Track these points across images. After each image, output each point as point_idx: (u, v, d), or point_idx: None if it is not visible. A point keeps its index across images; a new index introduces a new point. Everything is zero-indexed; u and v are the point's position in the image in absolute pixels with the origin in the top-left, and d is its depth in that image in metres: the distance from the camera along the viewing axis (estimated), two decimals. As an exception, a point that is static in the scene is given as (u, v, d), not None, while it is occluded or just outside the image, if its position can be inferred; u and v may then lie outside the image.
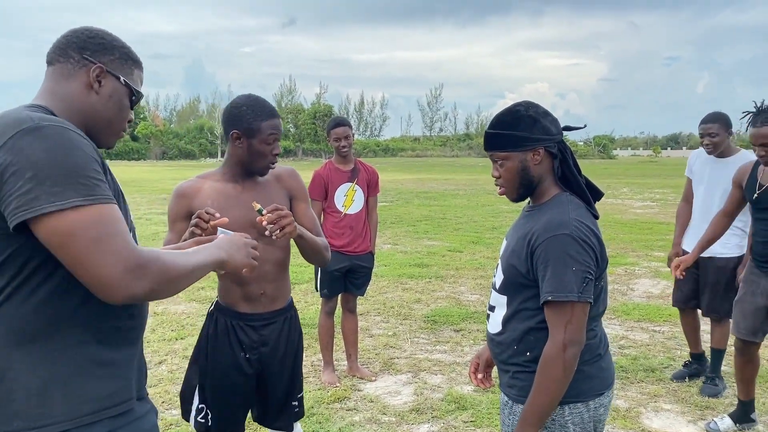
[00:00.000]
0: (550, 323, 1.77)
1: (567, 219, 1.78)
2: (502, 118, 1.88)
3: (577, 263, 1.73)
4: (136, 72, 1.52)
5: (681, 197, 4.50)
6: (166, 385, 4.21)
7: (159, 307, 5.97)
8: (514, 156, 1.84)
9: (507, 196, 1.92)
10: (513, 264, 1.85)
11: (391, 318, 5.82)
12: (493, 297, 1.97)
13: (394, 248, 9.65)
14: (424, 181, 24.76)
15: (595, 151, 62.10)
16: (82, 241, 1.15)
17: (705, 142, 4.00)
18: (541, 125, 1.84)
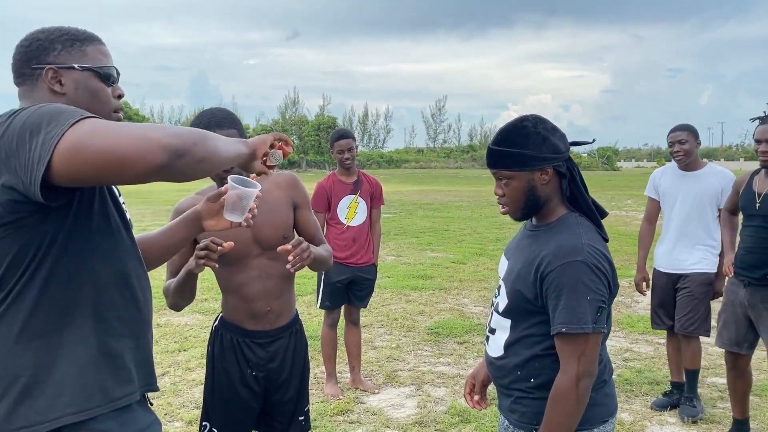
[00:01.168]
0: (562, 355, 1.68)
1: (580, 244, 1.69)
2: (508, 134, 1.76)
3: (591, 292, 1.65)
4: (90, 48, 1.43)
5: (643, 218, 4.36)
6: (169, 397, 4.20)
7: (162, 319, 5.97)
8: (521, 176, 1.73)
9: (510, 215, 1.82)
10: (519, 289, 1.74)
11: (394, 330, 5.80)
12: (495, 319, 1.87)
13: (398, 260, 9.64)
14: (428, 192, 24.77)
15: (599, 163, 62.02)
16: (92, 139, 1.12)
17: (675, 149, 3.94)
18: (551, 143, 1.73)
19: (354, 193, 4.34)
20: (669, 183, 4.09)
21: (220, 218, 1.74)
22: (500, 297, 1.85)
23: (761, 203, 3.32)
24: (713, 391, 4.37)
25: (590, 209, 1.81)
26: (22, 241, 1.25)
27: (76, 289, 1.31)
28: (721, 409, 4.04)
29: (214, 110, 2.22)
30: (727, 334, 3.51)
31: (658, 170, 4.30)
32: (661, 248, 4.13)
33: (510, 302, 1.79)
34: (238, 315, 2.33)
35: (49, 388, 1.29)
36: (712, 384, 4.50)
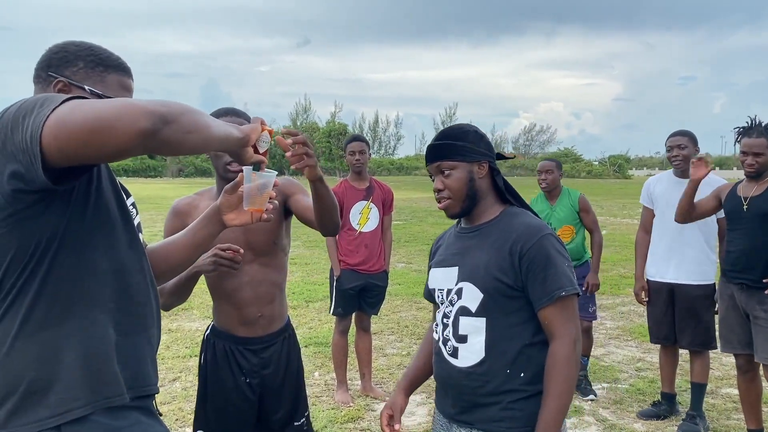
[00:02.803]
0: (556, 322, 1.73)
1: (541, 222, 1.85)
2: (448, 131, 1.92)
3: (566, 259, 1.79)
4: (111, 77, 1.45)
5: (639, 227, 4.27)
6: (180, 402, 4.21)
7: (173, 324, 5.99)
8: (462, 166, 1.85)
9: (450, 209, 1.88)
10: (497, 278, 1.76)
11: (405, 337, 5.79)
12: (464, 324, 1.81)
13: (408, 267, 9.63)
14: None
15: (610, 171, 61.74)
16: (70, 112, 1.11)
17: (674, 154, 3.91)
18: (486, 141, 1.90)
19: (366, 199, 4.35)
20: (664, 190, 4.02)
21: (240, 211, 1.72)
22: (465, 299, 1.81)
23: (749, 205, 3.36)
24: (727, 402, 4.32)
25: (524, 203, 1.94)
26: (23, 235, 1.26)
27: (76, 281, 1.32)
28: (735, 420, 4.00)
29: (229, 107, 2.29)
30: (736, 338, 3.49)
31: (653, 178, 4.24)
32: (654, 257, 4.04)
33: (486, 297, 1.78)
34: (229, 322, 2.32)
35: (55, 382, 1.29)
36: (726, 395, 4.45)
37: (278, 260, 2.34)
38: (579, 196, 4.46)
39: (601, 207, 19.13)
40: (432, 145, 1.91)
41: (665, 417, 4.02)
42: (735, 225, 3.45)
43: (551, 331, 1.75)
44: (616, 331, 6.17)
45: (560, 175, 4.54)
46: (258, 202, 1.64)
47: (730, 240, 3.49)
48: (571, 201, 4.43)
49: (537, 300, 1.75)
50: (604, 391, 4.52)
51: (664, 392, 4.13)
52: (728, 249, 3.49)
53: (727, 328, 3.53)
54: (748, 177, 3.42)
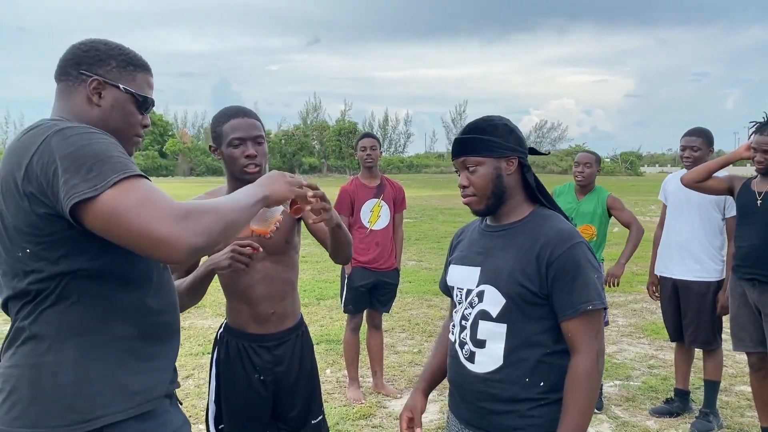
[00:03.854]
0: (579, 335, 1.67)
1: (573, 229, 1.75)
2: (476, 124, 1.80)
3: (596, 271, 1.72)
4: (140, 76, 1.51)
5: (658, 224, 4.27)
6: (193, 399, 4.24)
7: (186, 322, 6.03)
8: (489, 162, 1.75)
9: (473, 205, 1.80)
10: (521, 284, 1.69)
11: (416, 335, 5.79)
12: (483, 330, 1.75)
13: (419, 265, 9.63)
14: (449, 197, 24.69)
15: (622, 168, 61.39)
16: (126, 211, 1.19)
17: (685, 155, 3.86)
18: (517, 135, 1.79)
19: (377, 197, 4.35)
20: (674, 188, 4.01)
21: None
22: (486, 303, 1.75)
23: (763, 200, 3.35)
24: (741, 399, 4.30)
25: (555, 205, 1.84)
26: (70, 243, 1.30)
27: (116, 290, 1.36)
28: (749, 417, 3.97)
29: (231, 106, 2.28)
30: (748, 336, 3.47)
31: (670, 176, 4.23)
32: (662, 253, 4.06)
33: (509, 302, 1.71)
34: (242, 319, 2.34)
35: (87, 386, 1.32)
36: (740, 392, 4.42)
37: (290, 258, 2.35)
38: (608, 195, 4.32)
39: (612, 204, 19.03)
40: (458, 139, 1.81)
41: (678, 414, 4.00)
42: (747, 220, 3.42)
43: (574, 344, 1.68)
44: (629, 328, 6.14)
45: (598, 170, 4.40)
46: (263, 226, 1.80)
47: (739, 235, 3.47)
48: (599, 200, 4.29)
49: (562, 311, 1.67)
50: (616, 388, 4.51)
51: (677, 389, 4.11)
52: (739, 244, 3.46)
53: (738, 326, 3.51)
54: (759, 173, 3.41)
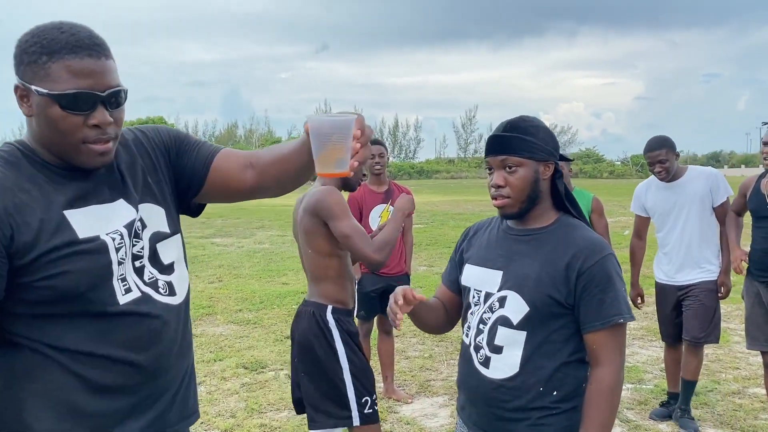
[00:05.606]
0: (605, 348, 1.65)
1: (603, 240, 1.73)
2: (518, 123, 1.74)
3: (623, 284, 1.71)
4: (56, 66, 1.20)
5: (632, 235, 4.23)
6: (205, 406, 4.26)
7: (198, 329, 6.07)
8: (529, 164, 1.70)
9: (507, 208, 1.74)
10: (547, 293, 1.67)
11: (427, 340, 5.79)
12: (502, 335, 1.72)
13: (430, 270, 9.62)
14: (459, 202, 24.68)
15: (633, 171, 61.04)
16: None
17: (657, 170, 3.78)
18: (555, 140, 1.77)
19: (385, 203, 4.37)
20: (656, 197, 3.94)
21: None
22: (508, 309, 1.72)
23: None
24: (755, 402, 4.26)
25: (582, 214, 1.82)
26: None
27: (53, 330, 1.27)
28: (763, 420, 3.94)
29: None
30: (762, 336, 3.48)
31: (642, 185, 4.14)
32: (664, 262, 3.97)
33: (532, 310, 1.68)
34: (346, 297, 2.64)
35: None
36: (753, 395, 4.39)
37: None
38: (592, 197, 4.25)
39: (624, 207, 18.92)
40: (498, 136, 1.74)
41: None
42: (760, 223, 3.42)
43: (598, 356, 1.66)
44: (640, 331, 6.11)
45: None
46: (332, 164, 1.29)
47: (755, 238, 3.49)
48: (585, 203, 4.22)
49: (588, 322, 1.66)
50: (628, 391, 4.48)
51: (671, 392, 4.10)
52: (753, 247, 3.47)
53: (753, 326, 3.51)
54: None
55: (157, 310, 1.38)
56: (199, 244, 12.17)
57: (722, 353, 5.30)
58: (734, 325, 6.12)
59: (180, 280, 1.47)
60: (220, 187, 1.49)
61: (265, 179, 1.47)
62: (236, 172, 1.47)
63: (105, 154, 1.29)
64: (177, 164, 1.50)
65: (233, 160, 1.49)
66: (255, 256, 10.75)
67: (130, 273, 1.35)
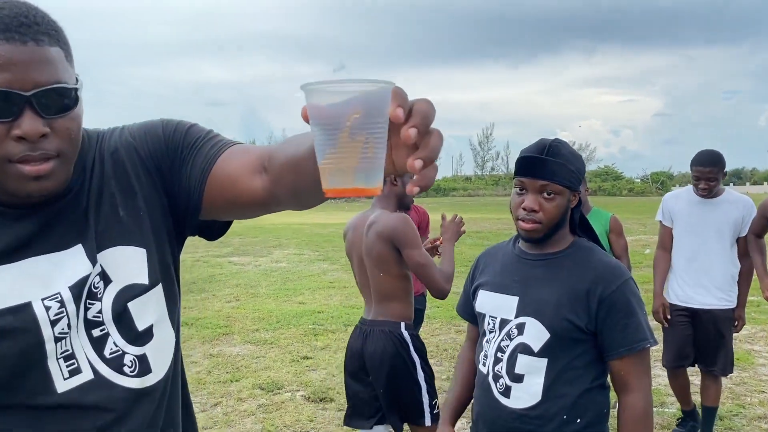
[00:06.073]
0: (634, 374, 1.64)
1: (620, 264, 1.73)
2: (560, 149, 1.70)
3: (644, 308, 1.69)
4: None
5: (657, 246, 4.07)
6: (221, 427, 4.25)
7: (215, 349, 6.06)
8: (565, 193, 1.70)
9: (536, 233, 1.71)
10: (567, 318, 1.65)
11: (444, 361, 5.73)
12: (522, 364, 1.69)
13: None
14: (477, 220, 24.59)
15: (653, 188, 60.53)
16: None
17: (701, 186, 3.62)
18: (585, 169, 1.79)
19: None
20: (686, 210, 3.80)
21: None
22: (528, 336, 1.69)
23: None
24: (782, 426, 4.15)
25: (597, 238, 1.82)
26: None
27: None
28: (791, 446, 3.83)
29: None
30: None
31: (671, 195, 4.02)
32: (678, 281, 3.83)
33: (553, 336, 1.66)
34: (411, 314, 2.85)
35: None
36: (780, 419, 4.27)
37: None
38: (610, 217, 4.09)
39: (644, 225, 18.74)
40: (539, 159, 1.69)
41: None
42: None
43: (626, 382, 1.65)
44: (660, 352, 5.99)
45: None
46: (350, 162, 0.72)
47: None
48: (602, 222, 4.05)
49: (613, 348, 1.64)
50: (650, 415, 4.39)
51: (684, 410, 4.02)
52: None
53: None
54: None
55: (112, 399, 1.03)
56: (216, 263, 12.22)
57: (747, 376, 5.18)
58: (759, 347, 5.99)
59: (160, 349, 1.10)
60: (222, 200, 1.06)
61: (278, 189, 0.99)
62: (242, 179, 1.03)
63: (42, 178, 0.93)
64: (173, 178, 1.09)
65: (239, 163, 1.05)
66: (272, 275, 10.76)
67: (84, 346, 1.02)
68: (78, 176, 1.05)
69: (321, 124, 0.72)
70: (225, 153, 1.07)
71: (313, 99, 0.72)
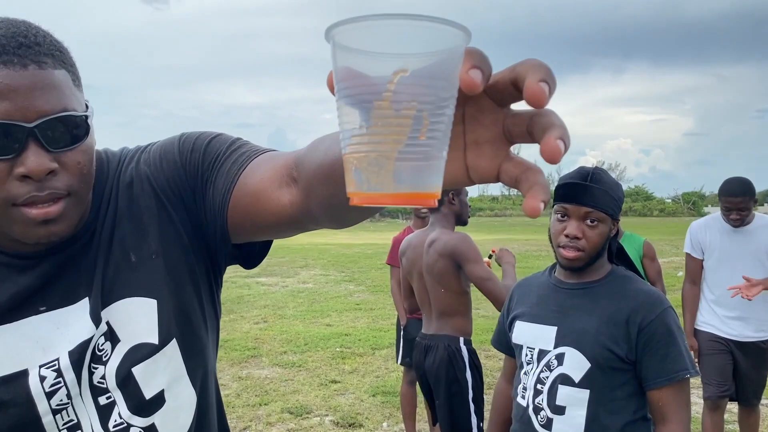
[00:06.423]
0: (674, 405, 1.60)
1: (660, 293, 1.71)
2: (602, 176, 1.71)
3: (684, 337, 1.67)
4: None
5: (685, 279, 3.90)
6: (250, 452, 4.22)
7: (243, 372, 6.07)
8: (608, 221, 1.70)
9: (578, 261, 1.70)
10: (607, 347, 1.63)
11: (473, 386, 5.66)
12: (563, 395, 1.67)
13: (476, 313, 9.44)
14: (504, 241, 24.38)
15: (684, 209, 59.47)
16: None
17: (733, 217, 3.50)
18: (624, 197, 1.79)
19: (431, 247, 4.33)
20: (717, 240, 3.65)
21: None
22: (568, 367, 1.67)
23: None
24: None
25: (634, 267, 1.81)
26: None
27: None
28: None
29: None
30: None
31: (698, 224, 3.83)
32: (717, 311, 3.68)
33: (595, 365, 1.64)
34: (471, 329, 3.02)
35: None
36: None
37: None
38: (643, 242, 3.95)
39: (676, 247, 18.39)
40: (583, 186, 1.70)
41: None
42: None
43: (664, 413, 1.61)
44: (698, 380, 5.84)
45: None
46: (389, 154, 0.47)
47: None
48: (636, 247, 3.92)
49: (652, 378, 1.62)
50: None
51: None
52: None
53: None
54: None
55: None
56: (244, 283, 12.29)
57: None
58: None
59: (174, 416, 0.97)
60: (249, 222, 0.89)
61: (311, 203, 0.77)
62: (267, 195, 0.84)
63: (51, 222, 0.82)
64: (198, 204, 0.94)
65: (263, 177, 0.86)
66: (299, 297, 10.78)
67: (91, 416, 0.91)
68: (93, 214, 0.93)
69: (347, 87, 0.47)
70: (248, 167, 0.88)
71: (342, 49, 0.46)
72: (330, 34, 0.46)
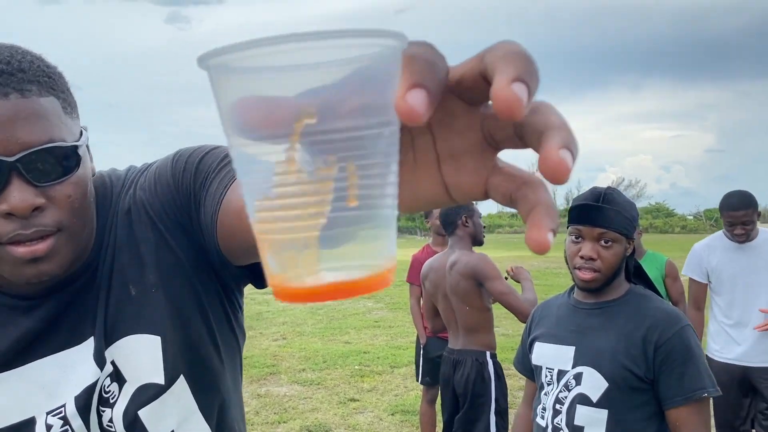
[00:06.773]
0: (692, 425, 1.57)
1: (678, 311, 1.71)
2: (615, 197, 1.71)
3: (704, 355, 1.65)
4: None
5: (689, 304, 3.66)
6: (268, 470, 4.21)
7: (262, 389, 6.07)
8: (622, 241, 1.70)
9: (595, 282, 1.70)
10: (626, 367, 1.62)
11: (493, 405, 5.60)
12: (581, 415, 1.66)
13: (496, 331, 9.37)
14: (524, 258, 24.20)
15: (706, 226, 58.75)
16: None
17: (738, 232, 3.34)
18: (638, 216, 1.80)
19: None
20: (722, 260, 3.48)
21: None
22: (586, 386, 1.66)
23: None
24: None
25: (653, 285, 1.80)
26: None
27: None
28: None
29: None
30: None
31: (701, 245, 3.63)
32: (721, 335, 3.51)
33: (612, 386, 1.63)
34: (495, 343, 3.27)
35: None
36: None
37: None
38: (666, 261, 3.86)
39: (698, 264, 18.11)
40: (596, 207, 1.70)
41: None
42: None
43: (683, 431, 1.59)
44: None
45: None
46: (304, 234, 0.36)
47: None
48: (658, 266, 3.81)
49: (670, 397, 1.60)
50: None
51: None
52: None
53: None
54: None
55: None
56: (263, 300, 12.32)
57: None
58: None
59: None
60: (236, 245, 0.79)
61: None
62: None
63: (39, 260, 0.77)
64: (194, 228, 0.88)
65: None
66: (317, 314, 10.78)
67: None
68: (96, 246, 0.88)
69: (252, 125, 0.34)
70: (233, 185, 0.78)
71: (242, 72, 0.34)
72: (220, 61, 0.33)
